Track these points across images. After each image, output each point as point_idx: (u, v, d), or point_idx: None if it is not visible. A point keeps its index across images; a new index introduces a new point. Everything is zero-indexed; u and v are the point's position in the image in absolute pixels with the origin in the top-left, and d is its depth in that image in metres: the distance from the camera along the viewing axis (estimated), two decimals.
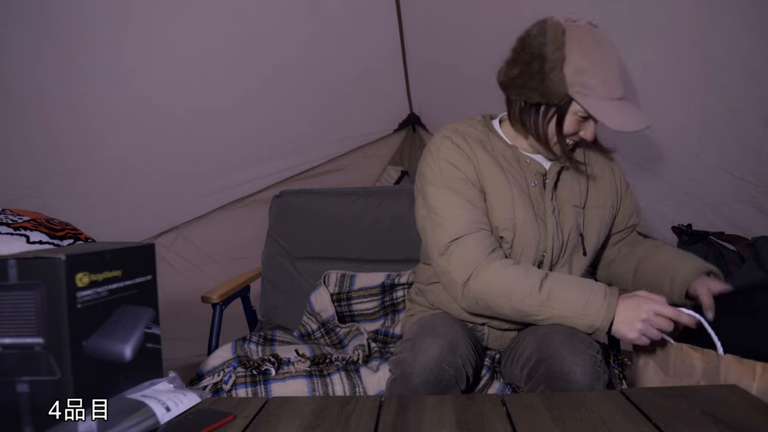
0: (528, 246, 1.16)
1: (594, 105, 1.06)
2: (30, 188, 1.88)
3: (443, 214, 1.13)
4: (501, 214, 1.15)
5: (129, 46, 1.84)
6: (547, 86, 1.07)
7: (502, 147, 1.21)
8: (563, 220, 1.19)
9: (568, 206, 1.20)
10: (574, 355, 1.01)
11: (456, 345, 1.05)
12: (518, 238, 1.16)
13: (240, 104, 2.15)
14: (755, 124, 1.59)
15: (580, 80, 1.06)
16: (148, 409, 0.79)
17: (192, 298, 1.66)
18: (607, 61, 1.08)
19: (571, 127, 1.13)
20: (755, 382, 0.97)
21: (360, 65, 2.29)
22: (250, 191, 2.41)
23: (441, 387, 1.03)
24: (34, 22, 1.65)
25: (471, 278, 1.09)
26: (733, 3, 1.46)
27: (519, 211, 1.15)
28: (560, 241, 1.19)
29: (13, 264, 0.75)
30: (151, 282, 0.91)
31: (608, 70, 1.07)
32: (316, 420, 0.80)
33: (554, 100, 1.09)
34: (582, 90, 1.06)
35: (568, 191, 1.21)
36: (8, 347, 0.75)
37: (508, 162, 1.19)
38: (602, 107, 1.06)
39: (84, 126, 1.90)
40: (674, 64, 1.66)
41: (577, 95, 1.07)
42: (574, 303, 1.03)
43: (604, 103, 1.07)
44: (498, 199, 1.15)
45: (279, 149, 2.36)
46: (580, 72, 1.05)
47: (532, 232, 1.16)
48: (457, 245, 1.10)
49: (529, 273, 1.07)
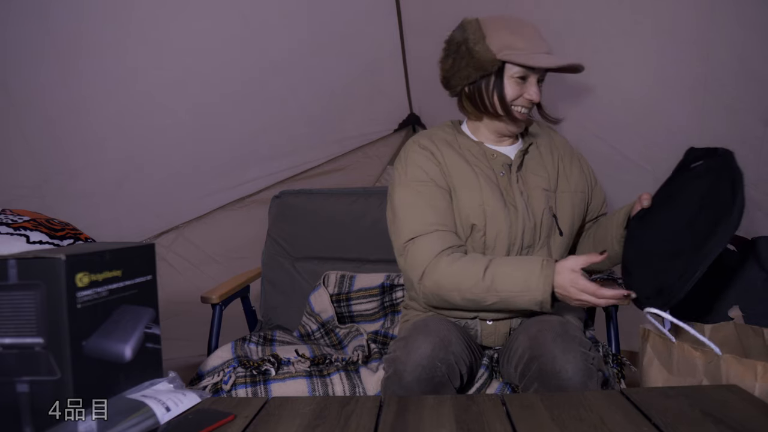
0: (501, 230, 1.22)
1: (523, 57, 1.16)
2: (30, 188, 1.88)
3: (402, 216, 1.22)
4: (470, 203, 1.22)
5: (130, 47, 1.84)
6: (477, 58, 1.18)
7: (468, 144, 1.30)
8: (533, 204, 1.25)
9: (538, 190, 1.26)
10: (565, 353, 1.02)
11: (448, 342, 1.08)
12: (489, 223, 1.22)
13: (240, 104, 2.15)
14: (755, 124, 1.59)
15: (506, 45, 1.17)
16: (148, 409, 0.79)
17: (192, 298, 1.66)
18: (525, 29, 1.20)
19: (513, 90, 1.21)
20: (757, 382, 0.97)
21: (360, 65, 2.29)
22: (250, 191, 2.41)
23: (434, 384, 1.04)
24: (35, 23, 1.65)
25: (423, 276, 1.16)
26: (733, 3, 1.46)
27: (488, 199, 1.22)
28: (532, 222, 1.24)
29: (13, 264, 0.75)
30: (151, 282, 0.91)
31: (528, 33, 1.19)
32: (316, 420, 0.80)
33: (488, 68, 1.19)
34: (509, 51, 1.17)
35: (535, 176, 1.28)
36: (8, 347, 0.75)
37: (475, 157, 1.27)
38: (531, 57, 1.16)
39: (84, 126, 1.90)
40: (674, 64, 1.66)
41: (506, 57, 1.17)
42: (515, 282, 1.09)
43: (532, 55, 1.17)
44: (466, 191, 1.23)
45: (279, 149, 2.36)
46: (503, 40, 1.17)
47: (501, 216, 1.22)
48: (412, 245, 1.18)
49: (474, 263, 1.13)
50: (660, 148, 1.86)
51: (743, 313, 1.57)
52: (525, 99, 1.22)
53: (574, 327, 1.13)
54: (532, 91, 1.20)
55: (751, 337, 1.32)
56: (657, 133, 1.84)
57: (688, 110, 1.71)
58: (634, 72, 1.79)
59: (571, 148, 1.40)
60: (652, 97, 1.78)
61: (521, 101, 1.22)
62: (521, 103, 1.23)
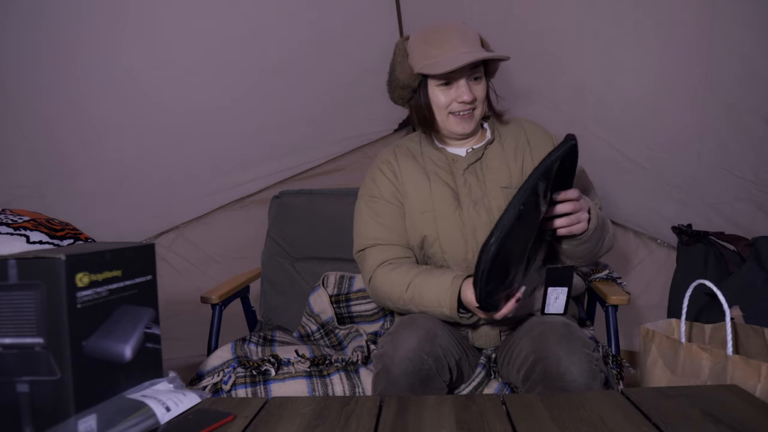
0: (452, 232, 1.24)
1: (433, 65, 1.18)
2: (30, 188, 1.88)
3: (355, 229, 1.33)
4: (420, 209, 1.26)
5: (129, 47, 1.84)
6: (401, 80, 1.24)
7: (432, 153, 1.32)
8: (490, 202, 1.24)
9: (496, 188, 1.25)
10: (570, 354, 1.02)
11: (434, 335, 1.09)
12: (441, 227, 1.24)
13: (240, 104, 2.15)
14: (756, 124, 1.59)
15: (422, 56, 1.20)
16: (148, 409, 0.79)
17: (192, 298, 1.66)
18: (441, 34, 1.21)
19: (442, 97, 1.22)
20: (760, 383, 0.97)
21: (360, 65, 2.28)
22: (249, 191, 2.41)
23: (421, 377, 1.04)
24: (34, 23, 1.65)
25: (369, 285, 1.28)
26: (733, 3, 1.46)
27: (438, 204, 1.25)
28: (485, 219, 1.23)
29: (13, 264, 0.75)
30: (151, 282, 0.91)
31: (442, 39, 1.20)
32: (316, 420, 0.80)
33: (412, 85, 1.23)
34: (425, 62, 1.19)
35: (493, 175, 1.27)
36: (8, 347, 0.75)
37: (435, 164, 1.30)
38: (438, 64, 1.17)
39: (84, 126, 1.90)
40: (674, 63, 1.66)
41: (422, 69, 1.20)
42: (429, 297, 1.15)
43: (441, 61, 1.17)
44: (418, 200, 1.27)
45: (279, 149, 2.36)
46: (420, 53, 1.20)
47: (452, 218, 1.24)
48: (360, 257, 1.31)
49: (401, 277, 1.20)
50: (661, 148, 1.86)
51: (743, 313, 1.57)
52: (457, 103, 1.22)
53: (577, 328, 1.13)
54: (462, 92, 1.20)
55: (751, 337, 1.32)
56: (658, 133, 1.84)
57: (689, 110, 1.71)
58: (635, 72, 1.79)
59: (547, 137, 1.33)
60: (653, 97, 1.78)
61: (455, 106, 1.22)
62: (457, 108, 1.22)
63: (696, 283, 1.22)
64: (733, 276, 1.68)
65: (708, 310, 1.66)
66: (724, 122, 1.66)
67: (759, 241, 1.67)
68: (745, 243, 1.75)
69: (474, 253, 1.22)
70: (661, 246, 2.16)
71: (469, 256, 1.23)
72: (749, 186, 1.71)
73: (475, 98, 1.21)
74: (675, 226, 1.94)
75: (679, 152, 1.82)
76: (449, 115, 1.23)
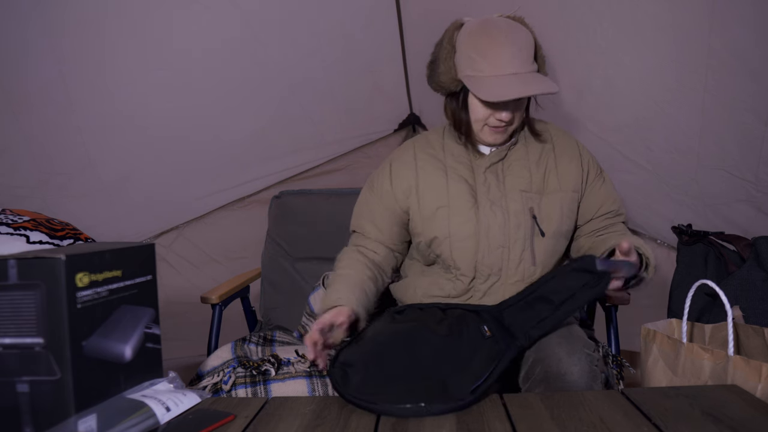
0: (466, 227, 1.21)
1: (478, 85, 1.12)
2: (30, 188, 1.88)
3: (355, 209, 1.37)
4: (436, 203, 1.24)
5: (129, 47, 1.84)
6: (444, 80, 1.18)
7: (455, 147, 1.28)
8: (509, 204, 1.22)
9: (515, 191, 1.23)
10: (570, 355, 1.01)
11: None
12: (454, 221, 1.22)
13: (240, 104, 2.15)
14: (755, 124, 1.59)
15: (470, 64, 1.13)
16: (148, 409, 0.79)
17: (192, 298, 1.66)
18: (494, 48, 1.12)
19: (479, 111, 1.17)
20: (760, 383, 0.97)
21: (360, 65, 2.28)
22: (249, 191, 2.41)
23: None
24: (34, 23, 1.65)
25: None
26: (733, 3, 1.46)
27: (454, 198, 1.23)
28: (502, 221, 1.21)
29: (13, 264, 0.75)
30: (151, 282, 0.91)
31: (496, 53, 1.12)
32: (316, 420, 0.80)
33: (452, 87, 1.18)
34: (471, 73, 1.13)
35: (514, 178, 1.24)
36: (8, 347, 0.75)
37: (456, 160, 1.27)
38: (484, 83, 1.11)
39: (84, 126, 1.90)
40: (674, 63, 1.66)
41: (465, 78, 1.14)
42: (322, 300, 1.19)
43: (487, 80, 1.11)
44: (432, 192, 1.25)
45: (279, 149, 2.36)
46: (468, 59, 1.14)
47: (467, 214, 1.22)
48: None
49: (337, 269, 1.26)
50: (660, 148, 1.86)
51: (743, 313, 1.57)
52: (496, 119, 1.16)
53: (577, 328, 1.13)
54: (503, 115, 1.15)
55: (751, 337, 1.32)
56: (657, 133, 1.84)
57: (688, 110, 1.71)
58: (634, 72, 1.79)
59: (577, 147, 1.31)
60: (653, 97, 1.78)
61: (494, 121, 1.17)
62: (493, 123, 1.18)
63: (699, 283, 1.22)
64: (733, 276, 1.68)
65: (708, 310, 1.66)
66: (724, 123, 1.66)
67: (759, 241, 1.67)
68: (745, 243, 1.75)
69: (484, 253, 1.20)
70: (661, 246, 2.16)
71: (478, 256, 1.21)
72: (749, 186, 1.71)
73: (514, 117, 1.18)
74: (675, 226, 1.94)
75: (678, 152, 1.82)
76: (485, 126, 1.19)
